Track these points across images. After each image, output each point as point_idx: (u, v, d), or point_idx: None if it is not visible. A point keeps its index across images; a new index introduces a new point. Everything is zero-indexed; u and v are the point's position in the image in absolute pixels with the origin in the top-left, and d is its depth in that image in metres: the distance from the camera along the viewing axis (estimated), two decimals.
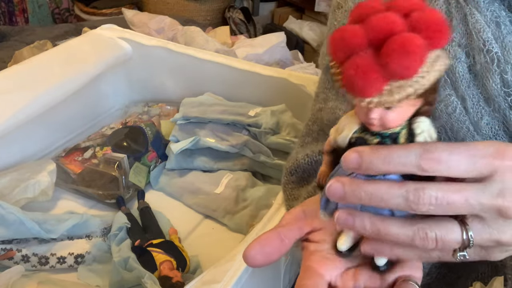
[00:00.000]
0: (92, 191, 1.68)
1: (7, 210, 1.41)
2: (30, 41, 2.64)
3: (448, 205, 0.50)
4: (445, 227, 0.52)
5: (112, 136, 1.81)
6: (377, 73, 0.47)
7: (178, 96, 1.95)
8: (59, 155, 1.77)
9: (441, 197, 0.50)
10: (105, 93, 2.02)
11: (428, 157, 0.49)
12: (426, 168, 0.49)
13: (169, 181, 1.77)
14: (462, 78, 0.82)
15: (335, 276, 0.60)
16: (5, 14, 4.12)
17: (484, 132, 0.82)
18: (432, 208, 0.50)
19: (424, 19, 0.48)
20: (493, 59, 0.78)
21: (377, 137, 0.52)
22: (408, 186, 0.50)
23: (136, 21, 2.85)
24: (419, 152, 0.50)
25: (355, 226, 0.54)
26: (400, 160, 0.50)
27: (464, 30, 0.82)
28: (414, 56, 0.46)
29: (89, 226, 1.52)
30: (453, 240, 0.52)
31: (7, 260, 1.41)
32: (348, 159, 0.51)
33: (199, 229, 1.61)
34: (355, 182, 0.52)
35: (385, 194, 0.51)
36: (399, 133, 0.52)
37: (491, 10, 0.80)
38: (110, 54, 1.89)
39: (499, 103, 0.79)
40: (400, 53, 0.46)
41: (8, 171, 1.60)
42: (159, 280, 1.36)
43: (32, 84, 1.63)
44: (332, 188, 0.53)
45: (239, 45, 2.59)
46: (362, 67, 0.47)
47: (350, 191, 0.52)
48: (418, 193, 0.50)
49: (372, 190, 0.51)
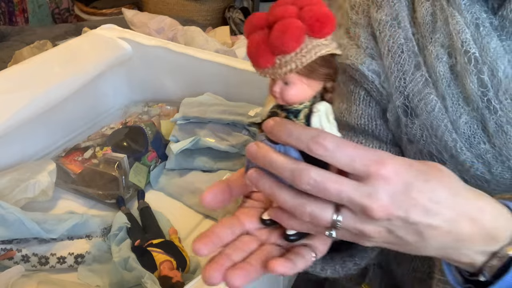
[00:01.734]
0: (92, 191, 1.68)
1: (7, 210, 1.41)
2: (30, 41, 2.64)
3: (323, 190, 0.58)
4: (320, 207, 0.60)
5: (112, 136, 1.80)
6: (266, 47, 0.58)
7: (178, 96, 1.95)
8: (59, 155, 1.76)
9: (319, 181, 0.58)
10: (105, 93, 2.02)
11: (318, 142, 0.58)
12: (313, 150, 0.58)
13: (169, 181, 1.76)
14: (443, 77, 0.85)
15: (254, 228, 0.69)
16: (5, 14, 4.12)
17: (462, 131, 0.85)
18: (309, 188, 0.58)
19: (310, 11, 0.58)
20: (471, 59, 0.82)
21: (284, 112, 0.62)
22: (298, 165, 0.59)
23: (136, 21, 2.84)
24: (313, 135, 0.58)
25: (259, 185, 0.63)
26: (297, 137, 0.59)
27: (447, 31, 0.85)
28: (290, 34, 0.57)
29: (89, 226, 1.52)
30: (323, 219, 0.60)
31: (7, 260, 1.41)
32: (266, 124, 0.61)
33: (199, 229, 1.61)
34: (265, 149, 0.61)
35: (280, 165, 0.60)
36: (300, 110, 0.62)
37: (471, 12, 0.83)
38: (110, 54, 1.89)
39: (477, 102, 0.82)
40: (280, 31, 0.57)
41: (8, 171, 1.60)
42: (159, 280, 1.35)
43: (32, 84, 1.63)
44: (249, 147, 0.63)
45: (239, 45, 2.59)
46: (256, 41, 0.59)
47: (260, 154, 0.61)
48: (302, 172, 0.58)
49: (273, 158, 0.60)
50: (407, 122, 0.90)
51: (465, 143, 0.84)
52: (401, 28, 0.89)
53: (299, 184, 0.59)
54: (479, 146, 0.84)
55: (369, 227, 0.60)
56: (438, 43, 0.86)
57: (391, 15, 0.90)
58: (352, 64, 0.93)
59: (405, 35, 0.89)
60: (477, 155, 0.84)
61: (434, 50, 0.86)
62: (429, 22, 0.87)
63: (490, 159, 0.84)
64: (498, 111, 0.81)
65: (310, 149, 0.58)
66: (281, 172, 0.60)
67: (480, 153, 0.84)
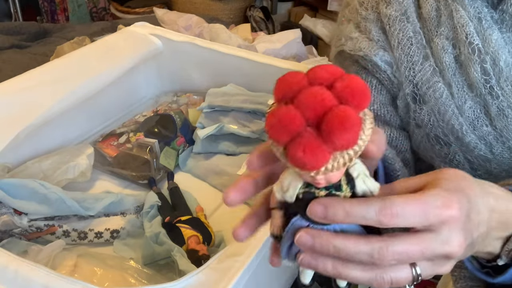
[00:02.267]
0: (127, 172, 1.69)
1: (49, 190, 1.41)
2: (70, 37, 2.64)
3: (407, 257, 0.51)
4: (398, 270, 0.53)
5: (145, 123, 1.80)
6: (323, 149, 0.46)
7: (204, 86, 1.94)
8: (96, 140, 1.77)
9: (402, 252, 0.51)
10: (138, 84, 2.02)
11: (386, 213, 0.50)
12: (385, 222, 0.50)
13: (196, 164, 1.76)
14: (449, 66, 0.85)
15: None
16: (48, 13, 4.12)
17: (467, 115, 0.85)
18: (393, 262, 0.51)
19: (348, 88, 0.47)
20: (474, 50, 0.82)
21: (322, 190, 0.52)
22: (373, 244, 0.51)
23: (166, 19, 2.84)
24: (378, 208, 0.50)
25: (318, 268, 0.53)
26: (361, 215, 0.50)
27: (451, 24, 0.85)
28: (354, 129, 0.46)
29: (124, 204, 1.53)
30: (404, 280, 0.53)
31: (49, 235, 1.42)
32: (314, 211, 0.51)
33: (223, 207, 1.60)
34: (324, 236, 0.52)
35: (353, 251, 0.51)
36: (341, 181, 0.51)
37: (474, 7, 0.83)
38: (143, 49, 1.89)
39: (480, 89, 0.83)
40: (341, 130, 0.45)
41: (50, 154, 1.60)
42: (187, 253, 1.36)
43: (72, 76, 1.63)
44: (303, 239, 0.52)
45: (259, 41, 2.58)
46: (309, 147, 0.46)
47: (319, 244, 0.52)
48: (382, 251, 0.50)
49: (340, 245, 0.51)
50: (415, 108, 0.90)
51: (469, 126, 0.85)
52: (409, 23, 0.88)
53: (381, 264, 0.52)
54: (482, 128, 0.84)
55: (447, 265, 0.56)
56: (443, 35, 0.86)
57: (400, 10, 0.89)
58: (366, 55, 0.93)
59: (413, 29, 0.88)
60: (480, 137, 0.85)
61: (440, 42, 0.86)
62: (434, 16, 0.87)
63: (491, 140, 0.84)
64: (500, 97, 0.82)
65: (381, 223, 0.50)
66: (356, 257, 0.51)
67: (483, 134, 0.84)
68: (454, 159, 0.90)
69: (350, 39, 0.96)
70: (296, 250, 0.55)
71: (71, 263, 1.34)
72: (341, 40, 0.99)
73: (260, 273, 1.10)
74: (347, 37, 0.97)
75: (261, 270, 1.09)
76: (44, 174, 1.52)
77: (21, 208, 1.40)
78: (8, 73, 2.07)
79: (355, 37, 0.95)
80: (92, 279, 1.32)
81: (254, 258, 1.02)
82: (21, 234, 1.40)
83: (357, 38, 0.95)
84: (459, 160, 0.90)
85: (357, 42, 0.95)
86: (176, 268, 1.31)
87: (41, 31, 2.97)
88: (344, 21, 1.00)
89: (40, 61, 2.27)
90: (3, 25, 2.91)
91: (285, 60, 1.84)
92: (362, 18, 0.95)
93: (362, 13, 0.95)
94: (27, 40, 2.85)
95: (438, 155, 0.92)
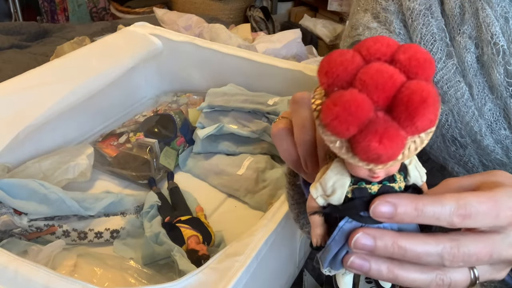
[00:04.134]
0: (126, 172, 1.68)
1: (49, 189, 1.41)
2: (70, 37, 2.64)
3: (476, 260, 0.48)
4: (459, 271, 0.50)
5: (145, 123, 1.80)
6: (401, 135, 0.40)
7: (204, 86, 1.94)
8: (96, 140, 1.77)
9: (473, 254, 0.47)
10: (138, 84, 2.02)
11: (460, 213, 0.46)
12: (457, 223, 0.46)
13: (195, 164, 1.76)
14: (470, 67, 0.82)
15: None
16: (48, 13, 4.13)
17: (486, 117, 0.82)
18: (461, 264, 0.48)
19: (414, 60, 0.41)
20: (499, 51, 0.78)
21: (374, 184, 0.46)
22: (444, 244, 0.47)
23: (166, 19, 2.84)
24: (453, 208, 0.46)
25: (371, 271, 0.49)
26: (435, 215, 0.46)
27: (475, 23, 0.82)
28: (436, 106, 0.40)
29: (124, 204, 1.53)
30: (464, 283, 0.50)
31: (49, 235, 1.42)
32: (380, 211, 0.45)
33: (222, 207, 1.61)
34: (387, 236, 0.47)
35: (420, 251, 0.47)
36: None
37: (501, 5, 0.79)
38: (143, 49, 1.89)
39: (501, 91, 0.79)
40: (424, 109, 0.39)
41: (50, 154, 1.60)
42: (187, 253, 1.35)
43: (72, 76, 1.63)
44: (362, 242, 0.47)
45: (259, 41, 2.57)
46: (386, 135, 0.39)
47: (383, 245, 0.47)
48: (453, 251, 0.47)
49: (407, 246, 0.47)
50: None
51: (487, 128, 0.82)
52: (433, 18, 0.85)
53: (450, 265, 0.48)
54: (499, 132, 0.82)
55: (504, 271, 0.53)
56: (466, 34, 0.83)
57: (424, 4, 0.86)
58: None
59: (437, 25, 0.85)
60: (497, 140, 0.83)
61: (463, 41, 0.83)
62: (457, 14, 0.84)
63: (508, 144, 0.82)
64: None
65: (452, 224, 0.46)
66: (424, 258, 0.47)
67: (500, 138, 0.82)
68: (469, 162, 0.88)
69: (368, 29, 0.93)
70: (342, 255, 0.50)
71: (71, 263, 1.34)
72: (358, 30, 0.95)
73: (260, 273, 1.10)
74: (364, 26, 0.93)
75: (261, 270, 1.09)
76: (44, 174, 1.52)
77: (21, 208, 1.39)
78: (8, 73, 2.07)
79: (374, 28, 0.92)
80: (92, 279, 1.32)
81: (254, 258, 1.02)
82: (21, 234, 1.40)
83: (376, 28, 0.92)
84: (474, 163, 0.88)
85: (376, 33, 0.91)
86: (176, 268, 1.30)
87: (41, 31, 2.97)
88: (359, 11, 0.97)
89: (40, 61, 2.27)
90: (3, 25, 2.90)
91: (285, 60, 1.84)
92: (381, 8, 0.92)
93: (382, 3, 0.92)
94: (27, 40, 2.85)
95: (452, 156, 0.90)
